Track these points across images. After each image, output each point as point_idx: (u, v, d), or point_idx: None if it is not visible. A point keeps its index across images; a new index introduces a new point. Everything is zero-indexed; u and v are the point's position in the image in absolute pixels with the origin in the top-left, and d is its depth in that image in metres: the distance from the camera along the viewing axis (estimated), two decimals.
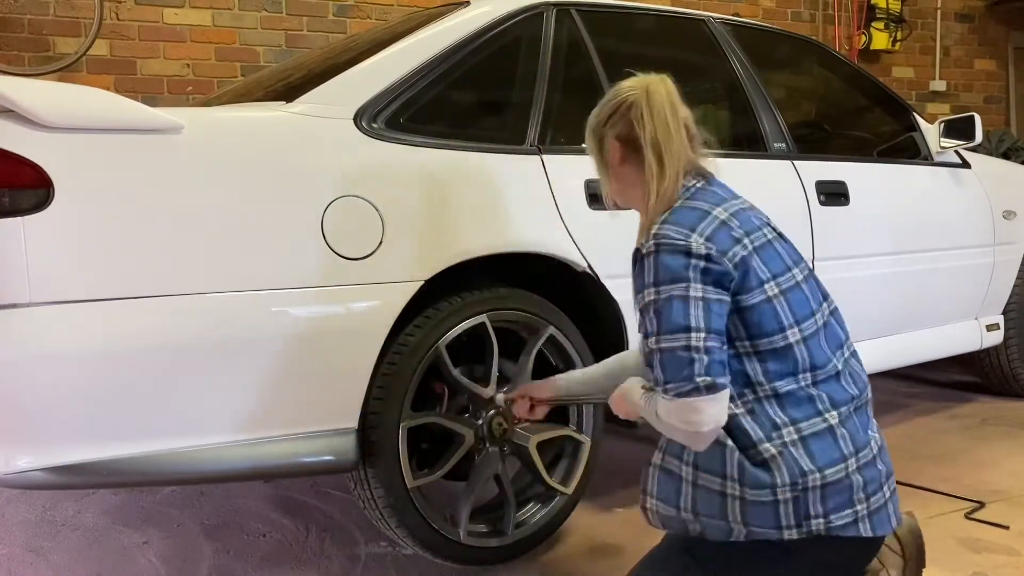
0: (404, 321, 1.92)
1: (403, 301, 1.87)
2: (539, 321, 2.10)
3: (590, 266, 2.14)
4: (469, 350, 2.09)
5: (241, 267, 1.71)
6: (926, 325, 3.07)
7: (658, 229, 1.43)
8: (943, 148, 3.12)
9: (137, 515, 2.54)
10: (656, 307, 1.39)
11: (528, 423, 2.00)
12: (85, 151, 1.59)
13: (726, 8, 5.30)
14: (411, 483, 1.92)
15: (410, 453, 1.95)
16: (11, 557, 2.25)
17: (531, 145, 2.15)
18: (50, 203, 1.55)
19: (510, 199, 2.06)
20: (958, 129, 3.09)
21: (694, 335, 1.36)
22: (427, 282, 1.91)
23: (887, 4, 5.67)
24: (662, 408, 1.39)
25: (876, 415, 1.56)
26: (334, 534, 2.36)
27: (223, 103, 2.31)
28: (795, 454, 1.38)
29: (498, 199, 2.03)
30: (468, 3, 2.29)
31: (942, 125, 3.12)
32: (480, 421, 2.05)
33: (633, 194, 1.56)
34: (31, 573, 2.16)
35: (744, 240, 1.44)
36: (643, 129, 1.49)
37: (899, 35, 5.75)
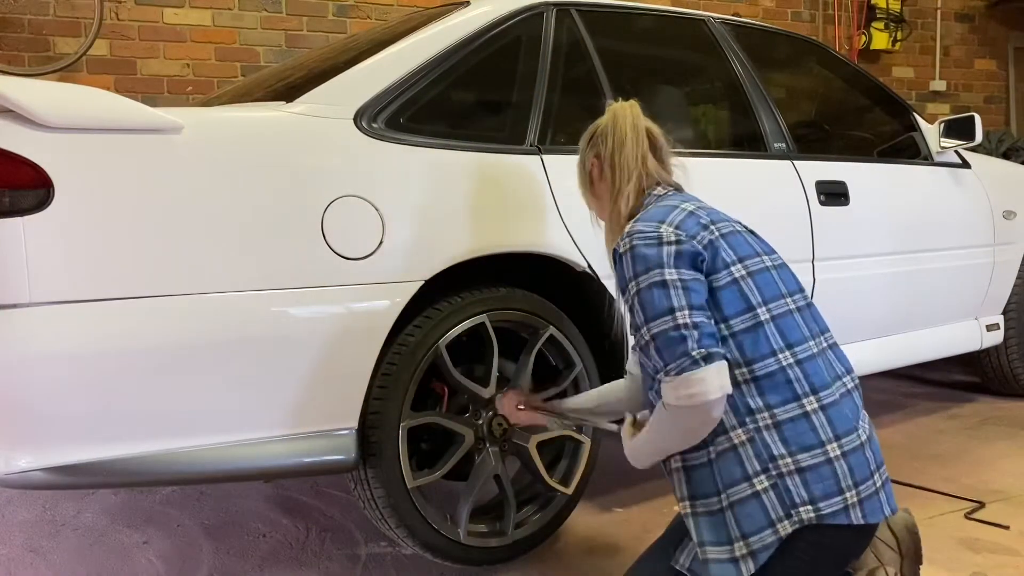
0: (404, 321, 1.92)
1: (403, 301, 1.87)
2: (539, 321, 2.10)
3: (590, 266, 2.14)
4: (469, 350, 2.09)
5: (241, 267, 1.71)
6: (926, 325, 3.07)
7: (630, 228, 1.52)
8: (943, 148, 3.12)
9: (137, 515, 2.54)
10: (639, 298, 1.45)
11: (509, 424, 2.05)
12: (85, 151, 1.59)
13: (726, 8, 5.31)
14: (411, 483, 1.92)
15: (410, 453, 1.95)
16: (11, 557, 2.25)
17: (531, 145, 2.15)
18: (50, 203, 1.55)
19: (510, 199, 2.06)
20: (958, 129, 3.09)
21: (679, 314, 1.41)
22: (427, 282, 1.91)
23: (887, 4, 5.67)
24: (667, 394, 1.41)
25: (876, 415, 1.57)
26: (334, 534, 2.36)
27: (223, 103, 2.31)
28: (767, 439, 1.42)
29: (498, 199, 2.03)
30: (468, 3, 2.29)
31: (942, 125, 3.12)
32: (480, 421, 2.05)
33: (605, 207, 1.71)
34: (31, 573, 2.16)
35: (711, 227, 1.52)
36: (605, 145, 1.67)
37: (899, 35, 5.75)
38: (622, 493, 2.57)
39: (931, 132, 3.14)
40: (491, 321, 2.02)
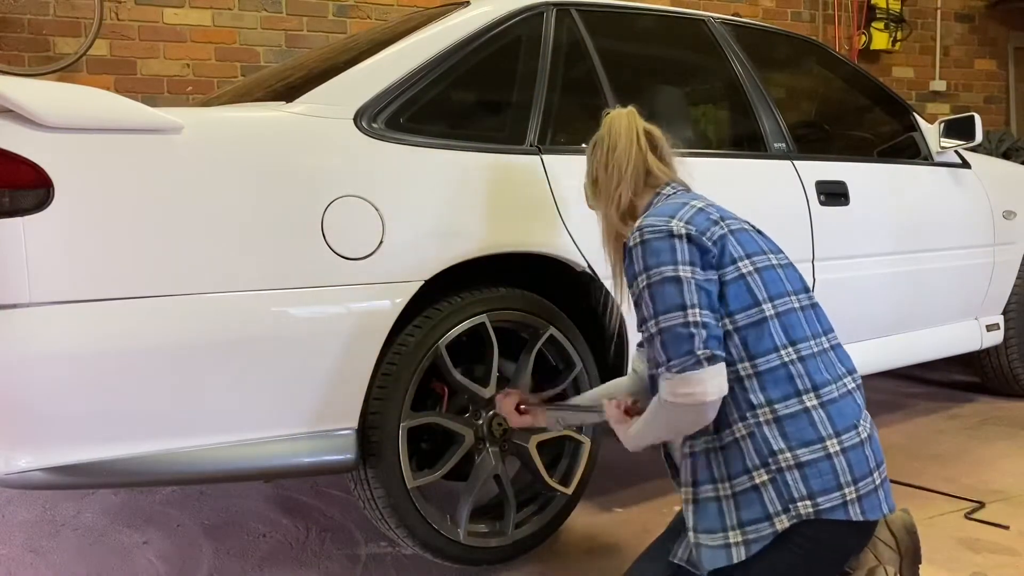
0: (404, 321, 1.92)
1: (403, 301, 1.87)
2: (539, 321, 2.10)
3: (590, 266, 2.14)
4: (469, 350, 2.09)
5: (241, 267, 1.71)
6: (926, 325, 3.07)
7: (641, 222, 1.53)
8: (943, 148, 3.12)
9: (137, 515, 2.54)
10: (650, 291, 1.46)
11: (506, 425, 2.05)
12: (85, 151, 1.59)
13: (726, 8, 5.31)
14: (411, 483, 1.92)
15: (410, 453, 1.95)
16: (11, 557, 2.25)
17: (531, 145, 2.15)
18: (50, 203, 1.55)
19: (510, 199, 2.06)
20: (958, 129, 3.09)
21: (690, 311, 1.42)
22: (427, 282, 1.91)
23: (887, 4, 5.67)
24: (665, 390, 1.43)
25: (876, 415, 1.57)
26: (334, 534, 2.36)
27: (223, 103, 2.31)
28: (767, 434, 1.43)
29: (498, 199, 2.03)
30: (468, 3, 2.29)
31: (942, 125, 3.12)
32: (480, 421, 2.05)
33: (601, 208, 1.74)
34: (31, 573, 2.16)
35: (721, 223, 1.53)
36: (601, 150, 1.71)
37: (899, 35, 5.75)
38: (622, 493, 2.57)
39: (931, 132, 3.14)
40: (491, 321, 2.02)
